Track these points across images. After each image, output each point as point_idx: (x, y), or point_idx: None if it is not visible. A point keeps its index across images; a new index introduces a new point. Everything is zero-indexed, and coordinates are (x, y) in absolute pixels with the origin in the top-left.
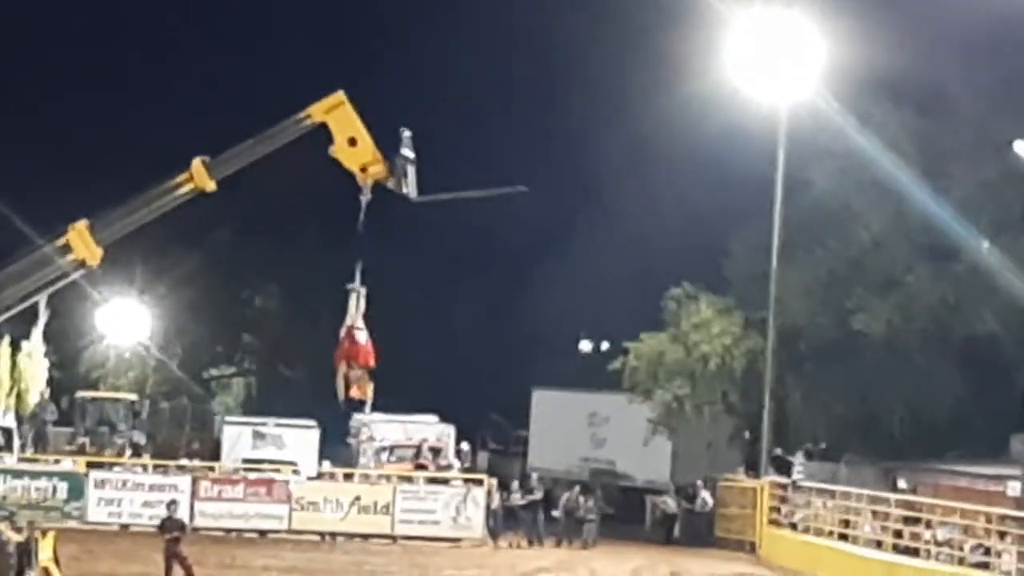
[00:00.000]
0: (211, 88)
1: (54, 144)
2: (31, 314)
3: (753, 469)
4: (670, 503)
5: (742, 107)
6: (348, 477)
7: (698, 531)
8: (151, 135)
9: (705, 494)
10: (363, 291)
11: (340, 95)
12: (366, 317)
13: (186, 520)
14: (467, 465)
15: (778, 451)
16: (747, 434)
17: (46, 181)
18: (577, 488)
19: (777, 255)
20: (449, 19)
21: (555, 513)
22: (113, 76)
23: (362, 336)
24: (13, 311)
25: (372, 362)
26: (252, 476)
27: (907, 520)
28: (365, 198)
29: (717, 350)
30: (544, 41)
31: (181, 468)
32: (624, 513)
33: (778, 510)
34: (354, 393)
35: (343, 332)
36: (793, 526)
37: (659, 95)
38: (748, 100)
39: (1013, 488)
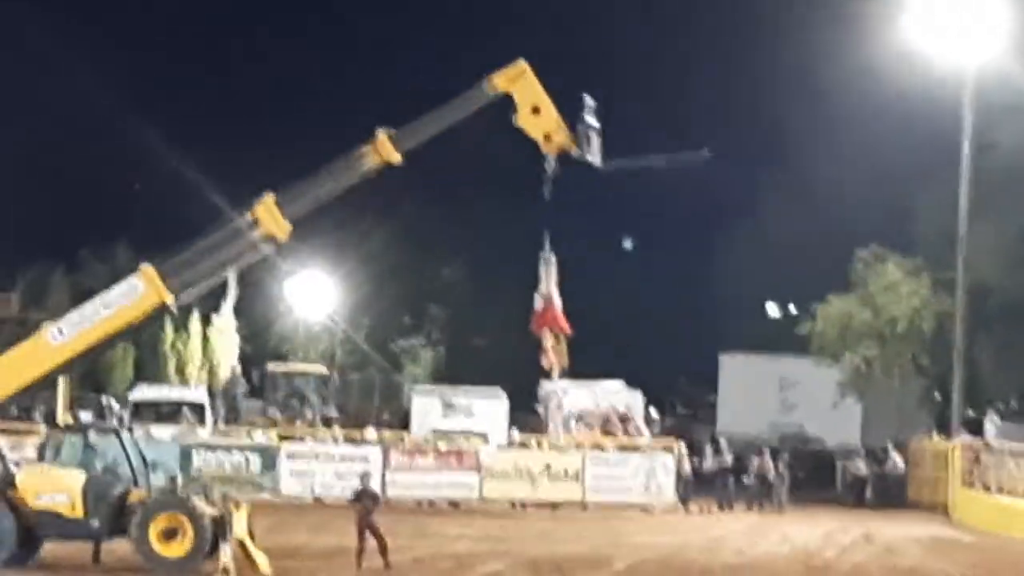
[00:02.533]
0: (390, 61)
1: (244, 117)
2: (221, 289)
3: (944, 430)
4: (861, 466)
5: (927, 67)
6: (538, 445)
7: (889, 493)
8: (334, 108)
9: (896, 456)
10: (553, 258)
11: (522, 64)
12: (557, 284)
13: (378, 491)
14: (656, 431)
15: (969, 412)
16: (937, 395)
17: (236, 156)
18: (767, 452)
19: (965, 215)
20: None
21: (745, 478)
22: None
23: (557, 303)
24: (205, 285)
25: (567, 329)
26: (442, 446)
27: None
28: (550, 166)
29: (906, 312)
30: (726, 4)
31: (372, 439)
32: (814, 477)
33: (971, 471)
34: (555, 360)
35: (539, 300)
36: (987, 487)
37: (843, 56)
38: (933, 59)
39: None
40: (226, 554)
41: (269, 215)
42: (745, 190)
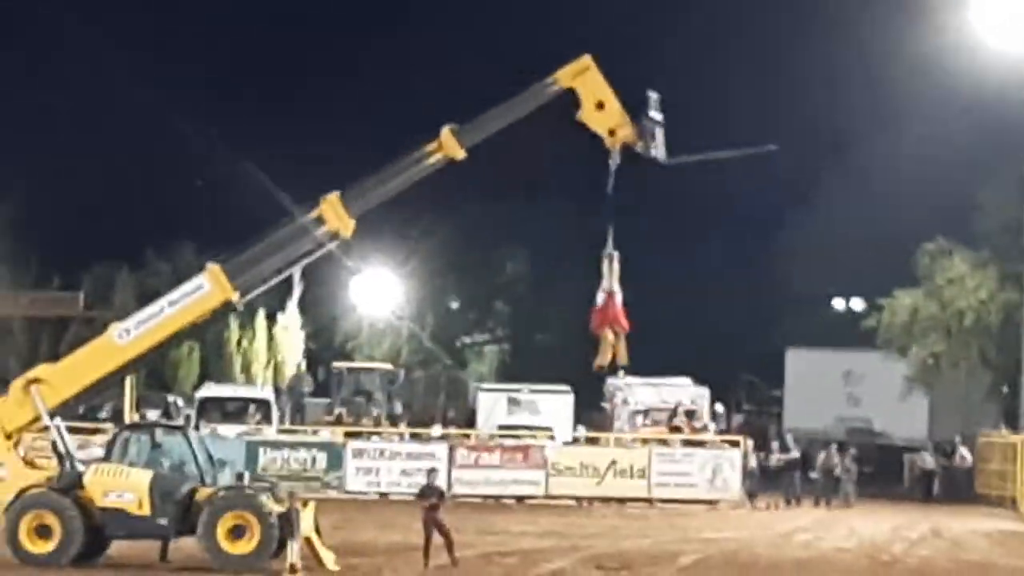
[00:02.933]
0: (454, 57)
1: (306, 115)
2: (286, 286)
3: (1012, 424)
4: (928, 460)
5: (989, 58)
6: (603, 441)
7: (957, 488)
8: (397, 106)
9: (963, 450)
10: (616, 255)
11: (587, 59)
12: (620, 280)
13: (444, 487)
14: (722, 427)
15: None
16: (1005, 388)
17: (300, 153)
18: (834, 447)
19: None
20: None
21: (812, 473)
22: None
23: (619, 299)
24: (269, 284)
25: (626, 325)
26: (508, 443)
27: None
28: (614, 162)
29: (972, 305)
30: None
31: (437, 436)
32: (881, 471)
33: None
34: (617, 358)
35: (601, 296)
36: None
37: (908, 48)
38: (995, 51)
39: None
40: (293, 551)
41: (334, 212)
42: (810, 184)
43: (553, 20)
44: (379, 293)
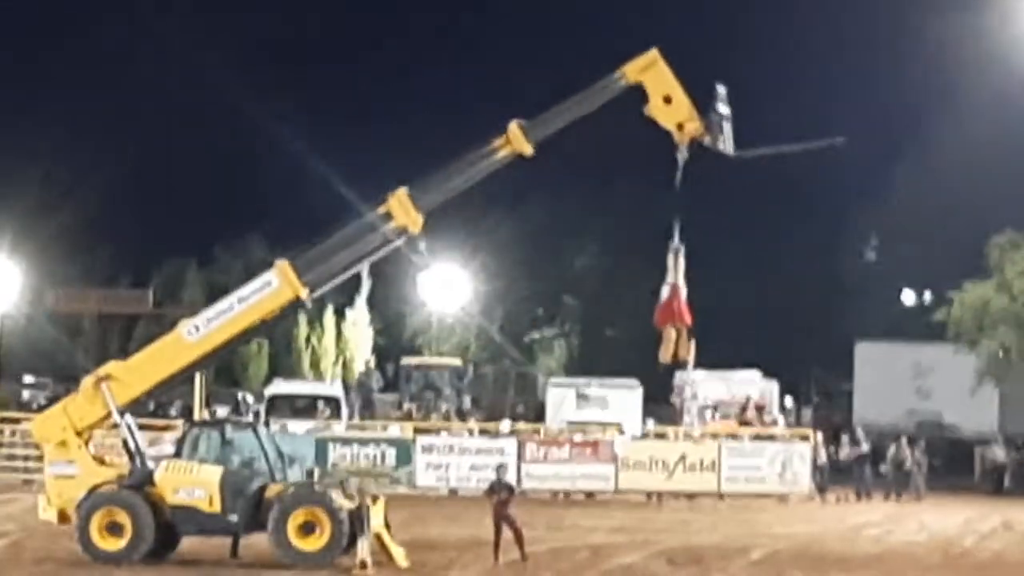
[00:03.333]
0: (521, 53)
1: (374, 109)
2: (354, 283)
3: None
4: (999, 453)
5: None
6: (673, 435)
7: None
8: (469, 99)
9: None
10: (682, 248)
11: (654, 53)
12: (686, 274)
13: (514, 483)
14: (792, 420)
15: None
16: None
17: (368, 149)
18: (904, 440)
19: None
20: None
21: (882, 466)
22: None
23: (683, 294)
24: (338, 280)
25: (688, 319)
26: (577, 437)
27: None
28: (682, 156)
29: None
30: None
31: (506, 431)
32: (952, 464)
33: None
34: (679, 352)
35: (666, 290)
36: None
37: (978, 39)
38: None
39: None
40: (363, 547)
41: (402, 208)
42: (879, 176)
43: (620, 14)
44: (448, 288)
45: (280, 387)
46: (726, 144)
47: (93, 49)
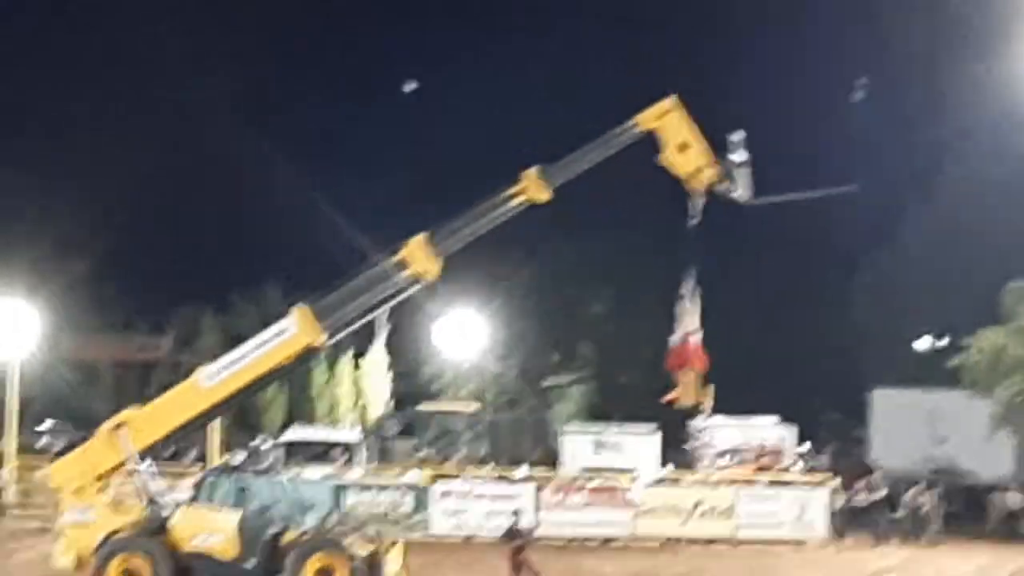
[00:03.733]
0: (536, 97)
1: (393, 159)
2: (371, 328)
3: None
4: (1014, 499)
5: None
6: (689, 481)
7: None
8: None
9: None
10: (698, 294)
11: (671, 101)
12: (701, 320)
13: (530, 528)
14: (808, 466)
15: None
16: None
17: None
18: (920, 486)
19: None
20: (772, 18)
21: (898, 512)
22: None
23: (696, 339)
24: (355, 326)
25: (703, 365)
26: (593, 483)
27: None
28: (697, 203)
29: None
30: (873, 38)
31: (523, 477)
32: (968, 510)
33: None
34: (693, 399)
35: (677, 336)
36: None
37: (988, 85)
38: None
39: None
40: None
41: (419, 254)
42: (891, 221)
43: (640, 60)
44: (464, 334)
45: (297, 433)
46: (740, 192)
47: (110, 96)
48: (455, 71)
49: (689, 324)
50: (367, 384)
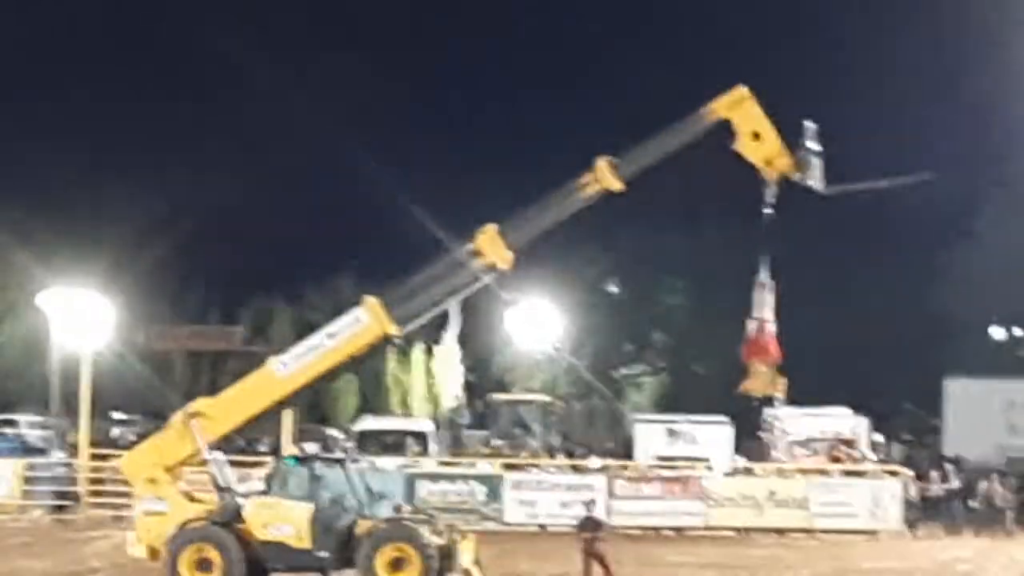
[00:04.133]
0: (610, 88)
1: (461, 147)
2: (443, 319)
3: None
4: None
5: None
6: (762, 472)
7: None
8: (556, 136)
9: None
10: (772, 285)
11: (743, 90)
12: (776, 310)
13: (603, 518)
14: (882, 456)
15: None
16: None
17: (457, 186)
18: (995, 476)
19: None
20: (843, 8)
21: (973, 502)
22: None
23: (771, 329)
24: (427, 316)
25: (778, 355)
26: (667, 473)
27: None
28: (770, 192)
29: None
30: (948, 18)
31: (596, 467)
32: None
33: None
34: (767, 389)
35: (752, 325)
36: None
37: None
38: None
39: None
40: None
41: (491, 245)
42: (967, 210)
43: (709, 49)
44: (537, 325)
45: (369, 423)
46: (816, 181)
47: (187, 90)
48: (534, 59)
49: (765, 313)
50: (440, 374)
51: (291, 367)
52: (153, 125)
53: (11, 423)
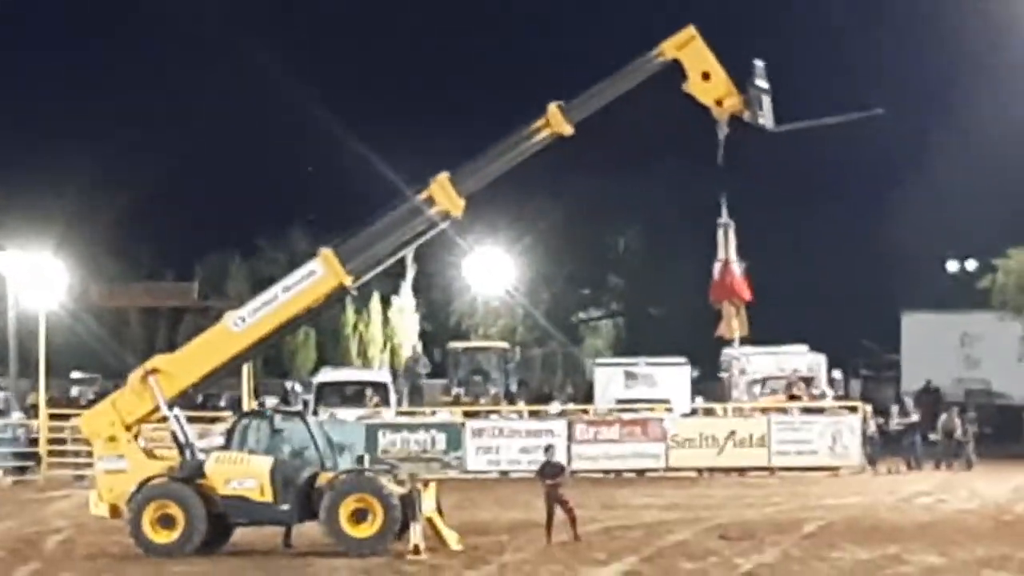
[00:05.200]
0: (558, 33)
1: (413, 95)
2: (399, 269)
3: None
4: None
5: None
6: (722, 412)
7: None
8: (500, 81)
9: None
10: (732, 224)
11: (691, 30)
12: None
13: (564, 463)
14: (840, 393)
15: None
16: None
17: (406, 134)
18: (954, 409)
19: None
20: None
21: (932, 436)
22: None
23: (737, 269)
24: (382, 266)
25: (748, 296)
26: (626, 416)
27: None
28: (722, 131)
29: None
30: None
31: (556, 413)
32: (1002, 432)
33: None
34: (734, 329)
35: (718, 267)
36: None
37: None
38: None
39: None
40: (416, 532)
41: (444, 192)
42: (917, 145)
43: None
44: (493, 272)
45: (328, 375)
46: (765, 119)
47: (133, 44)
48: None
49: (730, 253)
50: (397, 324)
51: (248, 322)
52: (104, 82)
53: None
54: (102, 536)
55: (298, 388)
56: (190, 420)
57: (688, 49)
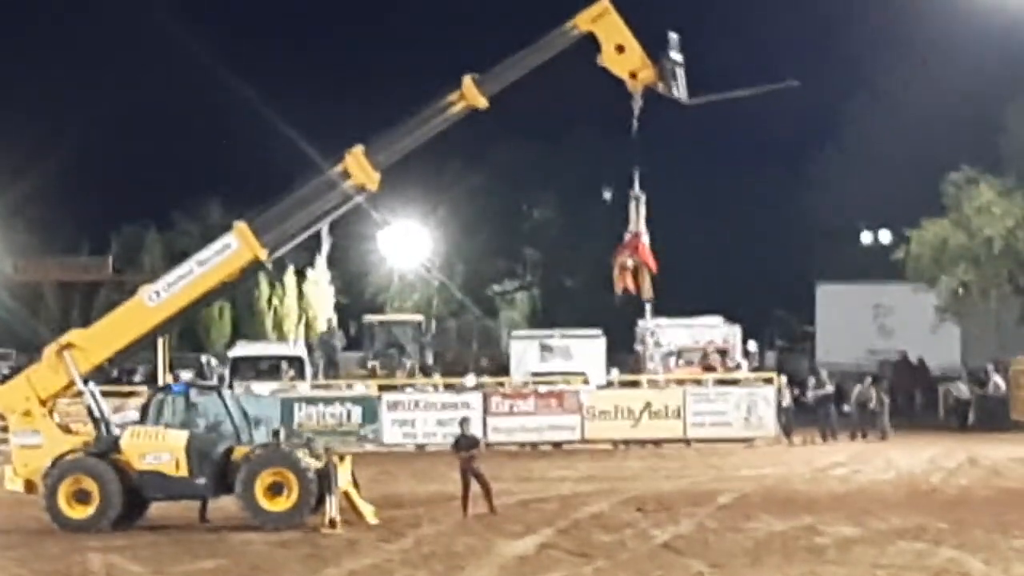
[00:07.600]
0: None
1: (327, 69)
2: (314, 242)
3: None
4: (963, 389)
5: None
6: (637, 384)
7: (993, 415)
8: (414, 56)
9: (997, 378)
10: (643, 197)
11: (604, 3)
12: (647, 222)
13: (479, 436)
14: (755, 364)
15: None
16: None
17: (322, 108)
18: (868, 380)
19: None
20: None
21: (847, 407)
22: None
23: (646, 240)
24: (297, 240)
25: (652, 264)
26: (542, 389)
27: None
28: (636, 104)
29: (1000, 232)
30: None
31: (471, 385)
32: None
33: None
34: (630, 285)
35: (627, 238)
36: None
37: None
38: None
39: None
40: (332, 506)
41: (359, 165)
42: (832, 116)
43: None
44: (408, 245)
45: (243, 349)
46: (679, 91)
47: (48, 18)
48: None
49: (637, 226)
50: (312, 298)
51: (162, 296)
52: (17, 55)
53: None
54: (17, 511)
55: (213, 362)
56: (105, 395)
57: (602, 22)
